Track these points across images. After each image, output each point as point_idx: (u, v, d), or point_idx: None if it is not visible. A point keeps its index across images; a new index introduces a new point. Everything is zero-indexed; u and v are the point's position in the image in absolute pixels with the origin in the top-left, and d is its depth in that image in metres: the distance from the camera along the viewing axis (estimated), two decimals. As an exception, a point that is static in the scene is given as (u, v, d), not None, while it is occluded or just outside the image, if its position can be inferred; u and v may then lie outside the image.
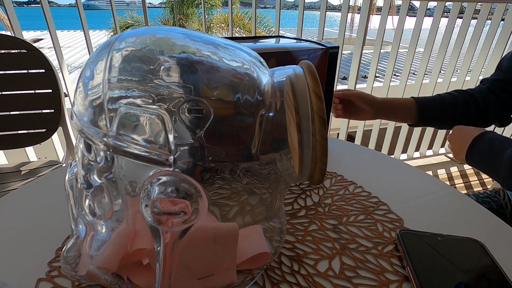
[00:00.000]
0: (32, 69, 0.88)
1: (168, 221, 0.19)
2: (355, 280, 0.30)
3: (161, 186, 0.19)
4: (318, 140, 0.22)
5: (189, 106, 0.20)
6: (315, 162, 0.23)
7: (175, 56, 0.21)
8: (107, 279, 0.24)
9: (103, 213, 0.23)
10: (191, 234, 0.20)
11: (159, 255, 0.20)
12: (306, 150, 0.23)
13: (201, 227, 0.21)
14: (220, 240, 0.23)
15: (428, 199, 0.42)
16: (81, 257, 0.25)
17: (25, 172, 0.92)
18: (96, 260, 0.24)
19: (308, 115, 0.23)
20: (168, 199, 0.19)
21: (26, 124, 0.92)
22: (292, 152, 0.23)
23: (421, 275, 0.28)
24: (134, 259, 0.24)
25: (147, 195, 0.19)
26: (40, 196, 0.41)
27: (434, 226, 0.37)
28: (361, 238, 0.35)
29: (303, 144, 0.23)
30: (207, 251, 0.24)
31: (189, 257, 0.22)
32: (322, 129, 0.23)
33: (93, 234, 0.24)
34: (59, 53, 1.11)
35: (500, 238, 0.35)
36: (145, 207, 0.19)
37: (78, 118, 0.21)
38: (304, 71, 0.25)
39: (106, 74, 0.20)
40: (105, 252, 0.23)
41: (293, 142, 0.23)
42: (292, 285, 0.29)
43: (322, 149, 0.23)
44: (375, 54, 1.42)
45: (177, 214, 0.19)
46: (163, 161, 0.19)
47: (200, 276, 0.24)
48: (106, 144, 0.20)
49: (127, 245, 0.23)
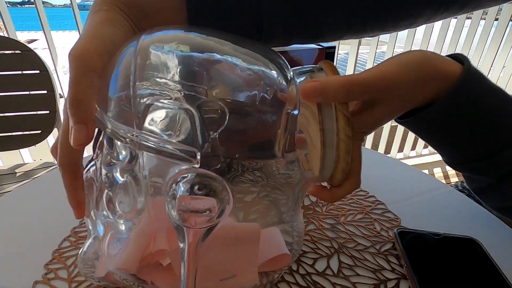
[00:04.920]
0: (27, 70, 0.87)
1: (193, 219, 0.19)
2: (353, 279, 0.30)
3: (187, 184, 0.19)
4: (341, 139, 0.22)
5: (211, 105, 0.20)
6: (337, 161, 0.23)
7: (198, 56, 0.21)
8: (127, 280, 0.24)
9: (125, 212, 0.22)
10: (215, 234, 0.20)
11: (184, 254, 0.20)
12: (329, 149, 0.22)
13: (224, 227, 0.20)
14: (242, 241, 0.23)
15: (425, 198, 0.42)
16: (99, 258, 0.25)
17: (20, 174, 0.91)
18: (116, 261, 0.23)
19: (332, 113, 0.23)
20: (195, 197, 0.18)
21: (21, 126, 0.91)
22: (311, 151, 0.23)
23: (418, 273, 0.28)
24: (154, 260, 0.24)
25: (173, 193, 0.19)
26: (35, 198, 0.41)
27: (431, 225, 0.37)
28: (359, 237, 0.35)
29: (326, 142, 0.22)
30: (229, 252, 0.23)
31: (212, 257, 0.22)
32: (346, 127, 0.22)
33: (112, 234, 0.23)
34: (54, 54, 1.10)
35: (496, 236, 0.36)
36: (170, 205, 0.19)
37: (101, 113, 0.21)
38: (324, 70, 0.25)
39: (135, 69, 0.20)
40: (124, 252, 0.23)
41: (313, 141, 0.23)
42: (291, 285, 0.29)
43: (346, 148, 0.22)
44: (371, 53, 1.43)
45: (203, 213, 0.19)
46: (190, 158, 0.19)
47: (223, 277, 0.23)
48: (131, 140, 0.19)
49: (147, 245, 0.23)
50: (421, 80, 0.25)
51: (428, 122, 0.28)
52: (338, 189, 0.25)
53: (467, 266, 0.30)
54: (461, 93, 0.26)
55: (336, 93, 0.23)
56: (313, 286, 0.29)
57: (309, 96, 0.23)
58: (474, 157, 0.29)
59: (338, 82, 0.23)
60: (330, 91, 0.22)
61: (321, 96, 0.22)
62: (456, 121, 0.27)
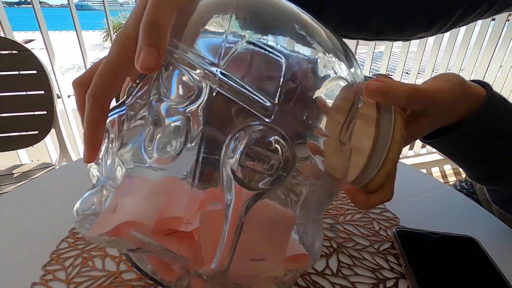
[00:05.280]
0: (24, 70, 0.87)
1: (251, 176, 0.17)
2: (352, 278, 0.30)
3: (254, 135, 0.17)
4: (396, 140, 0.22)
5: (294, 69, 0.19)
6: (384, 163, 0.22)
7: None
8: (140, 239, 0.20)
9: (168, 154, 0.20)
10: (257, 208, 0.18)
11: (228, 210, 0.18)
12: (378, 150, 0.22)
13: (266, 202, 0.19)
14: (277, 225, 0.22)
15: (423, 197, 0.43)
16: (106, 211, 0.22)
17: (18, 175, 0.91)
18: (131, 213, 0.20)
19: (390, 115, 0.23)
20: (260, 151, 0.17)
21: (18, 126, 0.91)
22: (353, 155, 0.22)
23: (417, 272, 0.28)
24: (168, 227, 0.21)
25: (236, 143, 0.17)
26: (33, 199, 0.41)
27: (429, 224, 0.37)
28: (357, 236, 0.35)
29: (377, 143, 0.22)
30: (264, 232, 0.21)
31: (248, 233, 0.20)
32: (403, 129, 0.23)
33: (130, 182, 0.21)
34: (51, 54, 1.10)
35: (495, 235, 0.36)
36: (230, 157, 0.17)
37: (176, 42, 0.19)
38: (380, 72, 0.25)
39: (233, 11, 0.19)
40: (142, 206, 0.21)
41: (359, 143, 0.22)
42: (290, 285, 0.29)
43: (398, 148, 0.22)
44: (369, 53, 1.43)
45: (262, 173, 0.17)
46: (265, 108, 0.17)
47: (253, 258, 0.22)
48: (209, 75, 0.18)
49: (164, 207, 0.21)
50: (461, 98, 0.27)
51: (458, 142, 0.30)
52: (374, 195, 0.26)
53: (465, 265, 0.30)
54: (489, 112, 0.28)
55: (398, 97, 0.23)
56: (312, 286, 0.29)
57: (372, 94, 0.23)
58: (502, 171, 0.31)
59: (402, 87, 0.24)
60: (394, 94, 0.23)
61: (384, 96, 0.23)
62: (484, 139, 0.29)
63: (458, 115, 0.28)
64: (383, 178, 0.23)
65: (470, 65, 1.63)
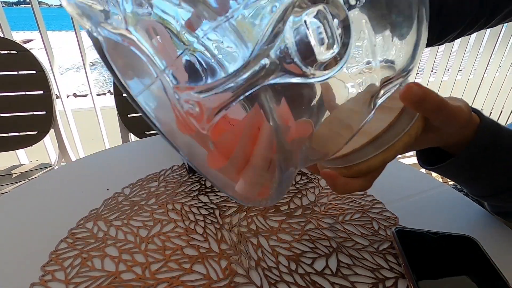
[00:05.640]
0: (23, 70, 0.87)
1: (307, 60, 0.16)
2: (352, 278, 0.30)
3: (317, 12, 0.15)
4: (409, 134, 0.24)
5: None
6: (388, 150, 0.23)
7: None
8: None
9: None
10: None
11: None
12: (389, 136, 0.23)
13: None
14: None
15: (422, 197, 0.43)
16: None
17: (17, 175, 0.91)
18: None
19: (412, 114, 0.24)
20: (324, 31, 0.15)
21: (17, 126, 0.91)
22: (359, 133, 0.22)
23: (416, 271, 0.28)
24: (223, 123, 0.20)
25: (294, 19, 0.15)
26: (32, 200, 0.41)
27: (429, 224, 0.37)
28: (357, 236, 0.35)
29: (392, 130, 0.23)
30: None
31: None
32: (420, 128, 0.24)
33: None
34: (50, 54, 1.10)
35: (493, 234, 0.36)
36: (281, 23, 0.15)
37: None
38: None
39: None
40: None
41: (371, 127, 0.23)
42: (290, 285, 0.29)
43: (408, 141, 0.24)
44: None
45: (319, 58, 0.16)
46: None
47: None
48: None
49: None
50: (467, 121, 0.28)
51: (458, 167, 0.31)
52: (354, 180, 0.26)
53: (464, 264, 0.30)
54: (485, 136, 0.29)
55: (429, 108, 0.24)
56: (312, 285, 0.29)
57: (406, 97, 0.23)
58: (501, 189, 0.32)
59: (436, 100, 0.24)
60: (426, 104, 0.24)
61: (416, 103, 0.24)
62: (482, 162, 0.30)
63: (457, 138, 0.29)
64: (378, 163, 0.23)
65: (469, 65, 1.64)
